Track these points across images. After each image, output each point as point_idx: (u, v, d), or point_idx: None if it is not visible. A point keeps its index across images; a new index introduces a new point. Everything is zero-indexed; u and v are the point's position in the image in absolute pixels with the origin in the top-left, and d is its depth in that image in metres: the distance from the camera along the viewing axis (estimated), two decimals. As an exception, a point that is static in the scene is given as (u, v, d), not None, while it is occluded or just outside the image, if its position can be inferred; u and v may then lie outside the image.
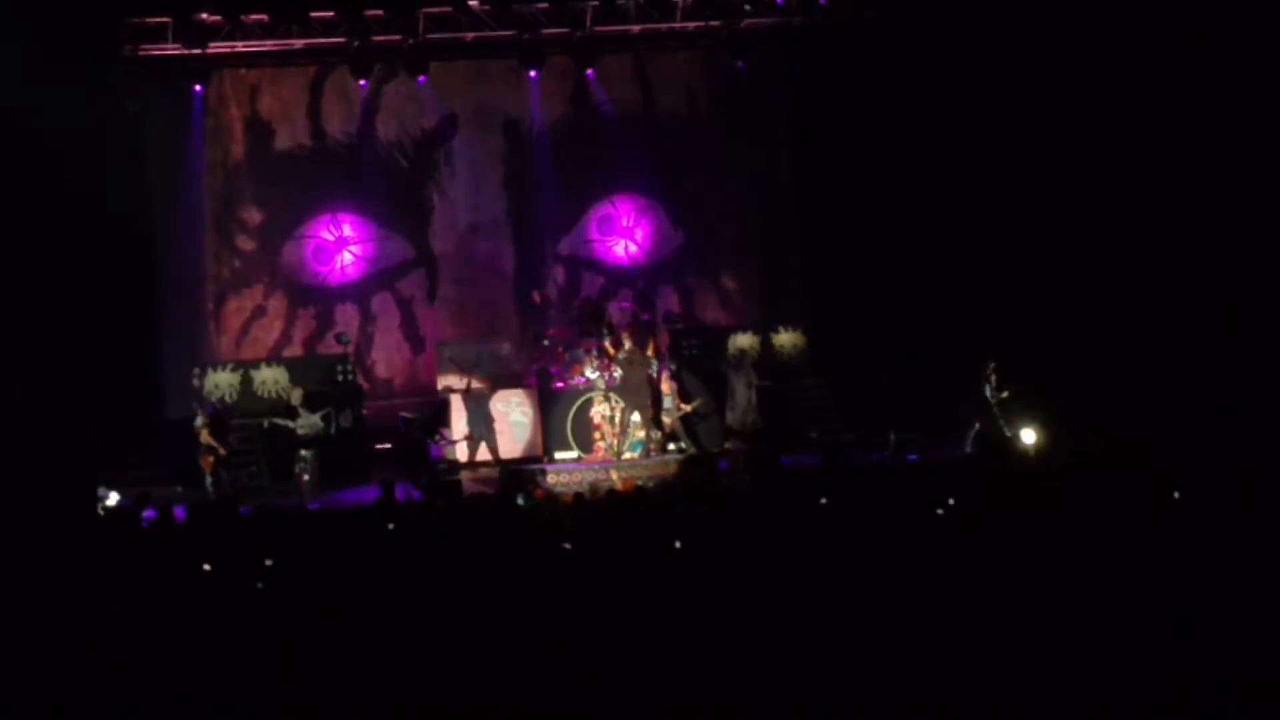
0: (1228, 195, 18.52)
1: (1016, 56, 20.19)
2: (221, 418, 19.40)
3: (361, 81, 22.84)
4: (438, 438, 19.83)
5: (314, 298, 23.52)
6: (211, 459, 18.91)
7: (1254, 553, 8.59)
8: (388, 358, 23.67)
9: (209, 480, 18.51)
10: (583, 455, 20.15)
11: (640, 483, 17.16)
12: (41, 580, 11.06)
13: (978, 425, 19.71)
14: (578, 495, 14.55)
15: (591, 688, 7.11)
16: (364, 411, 21.31)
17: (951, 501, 11.56)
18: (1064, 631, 7.33)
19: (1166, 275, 19.12)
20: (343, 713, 7.09)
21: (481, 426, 20.70)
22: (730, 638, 7.50)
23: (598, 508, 12.73)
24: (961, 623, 7.54)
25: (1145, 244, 19.37)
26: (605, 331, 20.09)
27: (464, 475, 19.50)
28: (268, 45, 22.28)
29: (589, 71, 23.37)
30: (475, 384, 20.72)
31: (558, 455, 20.47)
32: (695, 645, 7.40)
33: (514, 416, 20.92)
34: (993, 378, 19.80)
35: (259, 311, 23.37)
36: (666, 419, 20.11)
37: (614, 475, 18.41)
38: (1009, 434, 18.88)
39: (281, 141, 23.41)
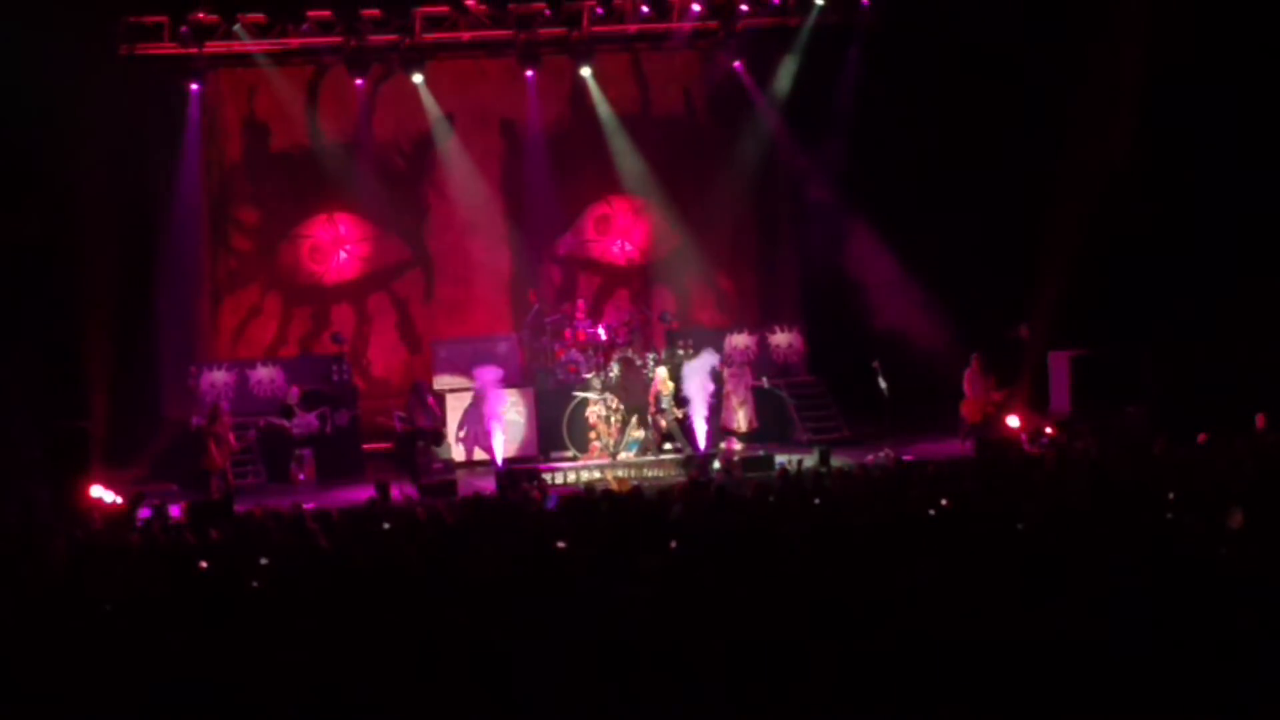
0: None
1: (1008, 54, 20.24)
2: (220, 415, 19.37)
3: (358, 81, 22.83)
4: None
5: (310, 297, 23.53)
6: (215, 458, 18.84)
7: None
8: (384, 357, 23.67)
9: (212, 478, 18.51)
10: (579, 455, 20.14)
11: (636, 483, 17.17)
12: (38, 579, 11.06)
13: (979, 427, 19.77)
14: (573, 495, 14.55)
15: (587, 687, 7.11)
16: (359, 411, 21.30)
17: (944, 502, 11.57)
18: (1062, 630, 7.34)
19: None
20: (337, 711, 7.10)
21: (477, 426, 20.69)
22: (726, 637, 7.51)
23: (593, 508, 12.73)
24: (955, 622, 7.54)
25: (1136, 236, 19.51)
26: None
27: (460, 475, 19.49)
28: (264, 45, 22.24)
29: (586, 71, 23.36)
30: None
31: (554, 455, 20.46)
32: (690, 644, 7.41)
33: (510, 416, 20.89)
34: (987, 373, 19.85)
35: (255, 311, 23.38)
36: (663, 420, 20.11)
37: (610, 475, 18.42)
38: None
39: (278, 141, 23.40)
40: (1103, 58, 19.47)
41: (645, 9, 22.65)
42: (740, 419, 20.91)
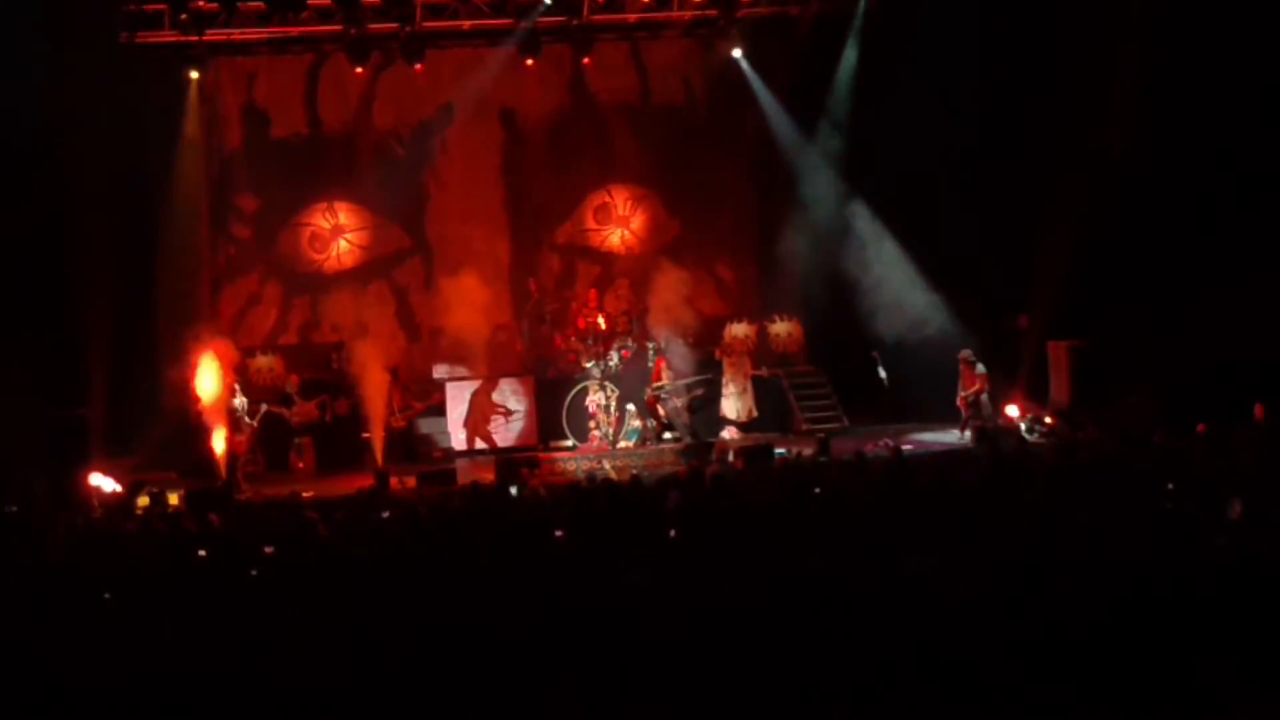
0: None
1: (1007, 41, 20.25)
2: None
3: (358, 69, 22.81)
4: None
5: (310, 286, 23.52)
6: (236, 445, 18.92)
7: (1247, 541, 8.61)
8: (383, 345, 23.61)
9: (226, 462, 18.60)
10: (578, 444, 20.15)
11: (635, 471, 17.19)
12: (37, 569, 11.07)
13: (972, 417, 19.76)
14: (573, 484, 14.57)
15: (583, 677, 7.12)
16: (358, 400, 21.28)
17: (942, 492, 11.57)
18: (1060, 623, 7.34)
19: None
20: (335, 701, 7.10)
21: (476, 415, 20.71)
22: (724, 627, 7.51)
23: (592, 496, 12.75)
24: (955, 612, 7.55)
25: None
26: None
27: (460, 464, 19.50)
28: (264, 33, 22.23)
29: (586, 60, 23.35)
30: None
31: (553, 444, 20.47)
32: (688, 634, 7.41)
33: (510, 405, 20.91)
34: (978, 365, 19.85)
35: (254, 299, 23.38)
36: (662, 409, 20.13)
37: (608, 465, 18.43)
38: (995, 419, 19.08)
39: (278, 129, 23.38)
40: (1105, 47, 19.45)
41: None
42: (739, 408, 20.95)
